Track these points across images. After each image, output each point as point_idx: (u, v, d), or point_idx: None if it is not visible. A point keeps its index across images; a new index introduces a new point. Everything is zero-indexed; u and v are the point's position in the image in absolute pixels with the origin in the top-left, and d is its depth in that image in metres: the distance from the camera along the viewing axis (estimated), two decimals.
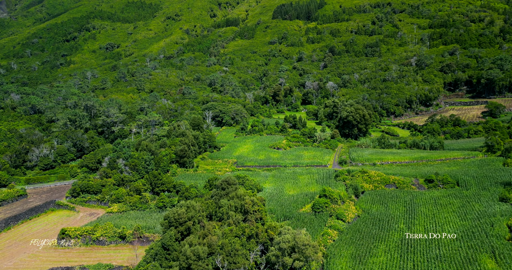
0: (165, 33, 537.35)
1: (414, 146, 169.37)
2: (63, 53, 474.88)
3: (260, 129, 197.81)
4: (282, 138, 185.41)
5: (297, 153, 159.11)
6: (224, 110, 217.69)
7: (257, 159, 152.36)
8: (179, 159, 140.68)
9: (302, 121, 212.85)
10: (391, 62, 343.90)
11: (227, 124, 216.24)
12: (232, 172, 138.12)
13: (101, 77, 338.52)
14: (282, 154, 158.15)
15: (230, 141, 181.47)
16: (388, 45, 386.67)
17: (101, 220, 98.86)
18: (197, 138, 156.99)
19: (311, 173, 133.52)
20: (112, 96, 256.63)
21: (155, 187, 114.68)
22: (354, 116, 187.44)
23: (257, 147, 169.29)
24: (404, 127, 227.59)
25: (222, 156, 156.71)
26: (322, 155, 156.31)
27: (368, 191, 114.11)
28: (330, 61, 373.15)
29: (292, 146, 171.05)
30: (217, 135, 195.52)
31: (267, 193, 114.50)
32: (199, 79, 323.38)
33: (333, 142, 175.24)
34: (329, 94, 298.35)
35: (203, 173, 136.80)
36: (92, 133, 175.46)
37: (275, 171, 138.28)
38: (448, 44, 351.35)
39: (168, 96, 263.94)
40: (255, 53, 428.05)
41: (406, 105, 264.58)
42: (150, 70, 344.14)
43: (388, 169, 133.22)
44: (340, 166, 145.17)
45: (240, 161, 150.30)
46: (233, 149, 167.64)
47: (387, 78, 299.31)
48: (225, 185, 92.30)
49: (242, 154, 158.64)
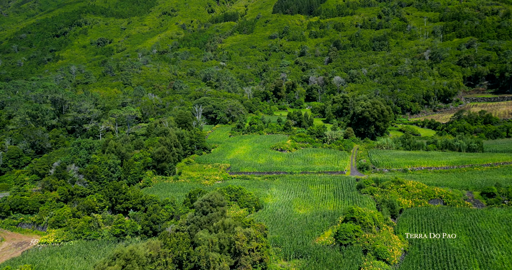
0: (160, 29, 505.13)
1: (447, 148, 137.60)
2: (51, 48, 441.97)
3: (259, 127, 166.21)
4: (286, 137, 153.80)
5: (306, 156, 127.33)
6: (218, 105, 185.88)
7: (256, 163, 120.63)
8: (157, 163, 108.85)
9: (309, 119, 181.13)
10: (401, 56, 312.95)
11: (221, 122, 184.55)
12: (224, 181, 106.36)
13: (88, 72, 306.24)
14: (287, 157, 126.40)
15: (224, 141, 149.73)
16: (397, 38, 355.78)
17: (26, 256, 66.57)
18: (182, 137, 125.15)
19: (326, 182, 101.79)
20: (93, 90, 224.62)
21: (116, 203, 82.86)
22: (371, 111, 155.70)
23: (256, 148, 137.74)
24: (424, 126, 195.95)
25: (212, 160, 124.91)
26: (336, 159, 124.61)
27: (407, 209, 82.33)
28: (335, 56, 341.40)
29: (298, 147, 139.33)
30: (209, 134, 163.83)
31: (270, 212, 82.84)
32: (193, 73, 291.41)
33: (347, 142, 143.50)
34: (335, 90, 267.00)
35: (186, 182, 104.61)
36: (58, 132, 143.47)
37: (279, 180, 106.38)
38: (463, 37, 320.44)
39: (156, 91, 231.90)
40: (255, 48, 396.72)
41: (423, 101, 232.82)
42: (140, 65, 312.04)
43: (425, 177, 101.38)
44: (361, 173, 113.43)
45: (234, 167, 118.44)
46: (227, 151, 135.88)
47: (399, 72, 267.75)
48: (207, 207, 60.52)
49: (237, 157, 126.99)
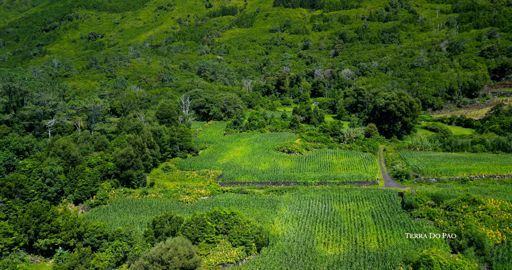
0: (155, 23, 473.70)
1: (499, 148, 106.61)
2: (38, 43, 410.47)
3: (261, 124, 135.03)
4: (293, 136, 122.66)
5: (322, 160, 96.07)
6: (211, 98, 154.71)
7: (256, 170, 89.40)
8: (120, 171, 77.66)
9: (319, 114, 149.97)
10: (414, 48, 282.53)
11: (215, 118, 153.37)
12: (212, 195, 74.92)
13: (75, 66, 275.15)
14: (298, 162, 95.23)
15: (217, 141, 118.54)
16: (408, 30, 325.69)
17: None
18: (160, 135, 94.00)
19: (357, 198, 70.60)
20: (71, 83, 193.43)
21: (36, 237, 52.08)
22: (397, 104, 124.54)
23: (257, 149, 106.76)
24: (452, 123, 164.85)
25: (199, 165, 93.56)
26: (361, 163, 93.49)
27: (498, 247, 51.22)
28: (341, 49, 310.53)
29: (310, 148, 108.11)
30: (199, 132, 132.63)
31: (280, 252, 51.69)
32: (186, 66, 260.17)
33: (371, 142, 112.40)
34: (344, 84, 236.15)
35: (157, 198, 73.03)
36: (7, 129, 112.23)
37: (290, 195, 74.87)
38: (481, 28, 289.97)
39: (143, 84, 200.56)
40: (254, 41, 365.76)
41: (446, 96, 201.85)
42: (130, 58, 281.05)
43: (500, 192, 70.19)
44: (399, 183, 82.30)
45: (228, 174, 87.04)
46: (219, 152, 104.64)
47: (415, 65, 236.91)
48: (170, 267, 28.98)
49: (232, 162, 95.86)
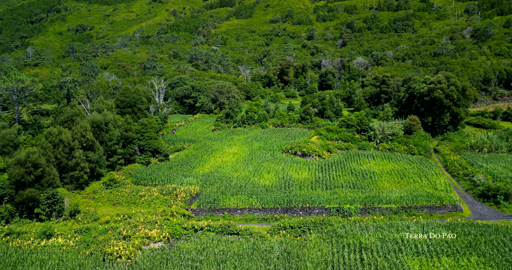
0: (148, 15, 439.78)
1: None
2: (22, 35, 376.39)
3: (262, 117, 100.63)
4: (306, 132, 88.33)
5: (355, 168, 61.40)
6: (199, 86, 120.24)
7: (256, 185, 54.71)
8: (15, 191, 43.44)
9: (335, 105, 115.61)
10: (432, 36, 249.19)
11: (204, 110, 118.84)
12: (171, 240, 39.77)
13: (53, 56, 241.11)
14: (320, 171, 60.73)
15: (201, 139, 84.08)
16: (423, 19, 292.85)
17: None
18: (107, 130, 59.65)
19: (452, 251, 35.94)
20: (33, 71, 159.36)
21: None
22: (446, 90, 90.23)
23: (257, 151, 72.26)
24: (496, 117, 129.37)
25: (166, 176, 58.81)
26: (418, 173, 58.93)
27: None
28: (349, 39, 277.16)
29: (333, 149, 73.55)
30: (179, 127, 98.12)
31: None
32: (176, 55, 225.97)
33: (417, 140, 78.04)
34: (356, 75, 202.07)
35: (67, 245, 38.30)
36: None
37: (319, 239, 39.42)
38: (506, 14, 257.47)
39: (121, 72, 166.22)
40: (254, 32, 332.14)
41: (481, 86, 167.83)
42: (115, 47, 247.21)
43: None
44: (494, 209, 48.14)
45: (209, 194, 52.28)
46: (201, 156, 70.02)
47: (439, 52, 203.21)
48: None
49: (219, 170, 61.34)
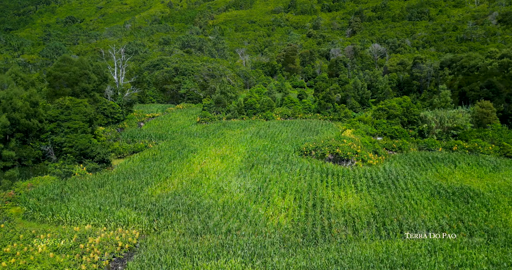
0: (142, 8, 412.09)
1: None
2: (6, 27, 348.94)
3: (266, 106, 72.60)
4: (330, 125, 60.15)
5: (442, 184, 33.37)
6: (184, 68, 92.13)
7: (259, 225, 26.66)
8: None
9: (360, 92, 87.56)
10: (451, 24, 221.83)
11: (190, 99, 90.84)
12: None
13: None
14: (374, 191, 32.75)
15: (178, 135, 56.19)
16: (438, 7, 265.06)
17: None
18: None
19: None
20: None
21: None
22: None
23: (260, 152, 44.08)
24: None
25: (84, 206, 30.97)
26: None
27: None
28: (359, 28, 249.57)
29: (380, 149, 45.58)
30: (151, 119, 70.12)
31: None
32: (167, 42, 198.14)
33: (508, 136, 50.30)
34: (370, 64, 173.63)
35: None
36: None
37: None
38: None
39: (96, 57, 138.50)
40: (254, 23, 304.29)
41: None
42: (99, 36, 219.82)
43: None
44: None
45: (152, 258, 24.69)
46: (167, 162, 42.02)
47: (466, 37, 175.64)
48: None
49: (191, 189, 33.35)
